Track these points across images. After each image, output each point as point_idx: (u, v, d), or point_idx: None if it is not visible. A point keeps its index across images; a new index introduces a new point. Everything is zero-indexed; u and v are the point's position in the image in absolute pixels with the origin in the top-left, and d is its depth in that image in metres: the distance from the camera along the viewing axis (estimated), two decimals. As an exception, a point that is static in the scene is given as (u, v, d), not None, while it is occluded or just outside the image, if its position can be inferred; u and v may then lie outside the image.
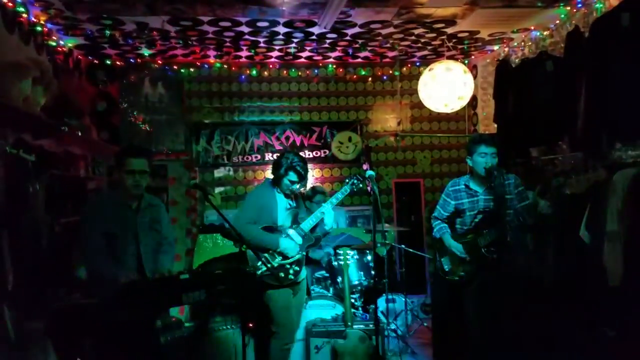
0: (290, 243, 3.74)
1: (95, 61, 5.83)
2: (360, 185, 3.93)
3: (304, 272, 3.95)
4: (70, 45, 5.20)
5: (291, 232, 3.78)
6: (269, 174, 4.00)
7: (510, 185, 3.61)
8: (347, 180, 3.97)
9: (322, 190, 5.37)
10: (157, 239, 3.40)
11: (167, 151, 6.14)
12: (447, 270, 3.83)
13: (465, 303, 3.70)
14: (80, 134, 4.45)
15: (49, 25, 4.58)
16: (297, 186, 3.78)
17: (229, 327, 4.06)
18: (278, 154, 3.96)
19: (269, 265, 3.50)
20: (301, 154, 6.18)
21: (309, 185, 5.30)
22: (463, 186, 3.76)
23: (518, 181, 3.65)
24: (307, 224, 3.83)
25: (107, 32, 4.80)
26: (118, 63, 5.90)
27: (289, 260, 3.73)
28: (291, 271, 3.75)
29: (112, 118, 5.97)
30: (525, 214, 3.43)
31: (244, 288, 3.09)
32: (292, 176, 3.70)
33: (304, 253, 3.84)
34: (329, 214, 3.84)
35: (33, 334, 3.36)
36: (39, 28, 4.38)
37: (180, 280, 2.98)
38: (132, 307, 2.72)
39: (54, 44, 4.75)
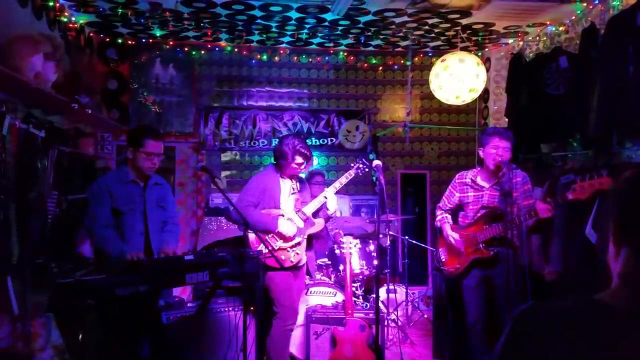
0: (290, 226, 3.75)
1: (107, 39, 5.82)
2: (366, 170, 3.92)
3: (303, 258, 3.96)
4: (82, 22, 5.19)
5: (293, 215, 3.80)
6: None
7: (517, 183, 3.58)
8: (352, 165, 3.96)
9: (319, 171, 5.37)
10: (162, 218, 3.47)
11: (176, 133, 6.14)
12: (443, 260, 3.84)
13: (465, 298, 3.70)
14: (90, 111, 4.46)
15: (61, 1, 4.57)
16: (303, 167, 3.81)
17: (230, 308, 4.09)
18: (279, 140, 3.97)
19: (269, 249, 3.51)
20: (308, 141, 6.25)
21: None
22: (470, 180, 3.73)
23: (526, 179, 3.61)
24: (309, 208, 3.85)
25: (120, 10, 4.78)
26: (129, 42, 5.89)
27: (289, 244, 3.74)
28: (292, 254, 3.77)
29: (122, 97, 5.98)
30: (526, 214, 3.40)
31: (247, 271, 3.11)
32: (299, 159, 3.72)
33: (305, 236, 3.85)
34: (331, 199, 3.85)
35: (36, 308, 3.40)
36: (51, 3, 4.37)
37: (184, 260, 3.01)
38: (136, 284, 2.74)
39: (65, 20, 4.74)
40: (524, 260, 4.06)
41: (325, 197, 3.86)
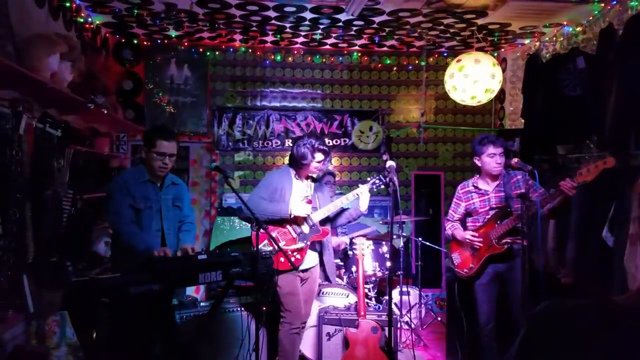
0: (304, 206, 3.73)
1: (123, 40, 5.87)
2: (382, 186, 3.89)
3: (311, 262, 3.93)
4: (98, 22, 5.24)
5: (301, 220, 3.80)
6: (287, 160, 4.00)
7: (518, 181, 3.65)
8: (369, 179, 3.91)
9: (329, 171, 5.35)
10: (178, 217, 3.51)
11: (190, 133, 6.17)
12: (456, 263, 3.84)
13: (478, 297, 3.70)
14: (105, 112, 4.50)
15: (77, 1, 4.62)
16: (324, 165, 3.85)
17: (242, 309, 4.10)
18: (293, 142, 3.96)
19: (274, 247, 3.48)
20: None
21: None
22: (472, 187, 3.82)
23: (525, 176, 3.66)
24: (318, 214, 3.82)
25: (135, 11, 4.82)
26: (145, 43, 5.94)
27: (291, 247, 3.73)
28: (292, 258, 3.75)
29: (137, 98, 6.02)
30: (544, 200, 3.38)
31: (260, 271, 3.11)
32: (319, 156, 3.74)
33: (308, 243, 3.83)
34: (364, 196, 3.83)
35: (51, 306, 3.44)
36: (67, 4, 4.41)
37: (198, 260, 3.02)
38: (150, 282, 2.76)
39: (82, 20, 4.79)
40: (538, 255, 4.05)
41: (336, 206, 3.86)
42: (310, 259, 3.90)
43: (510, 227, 3.49)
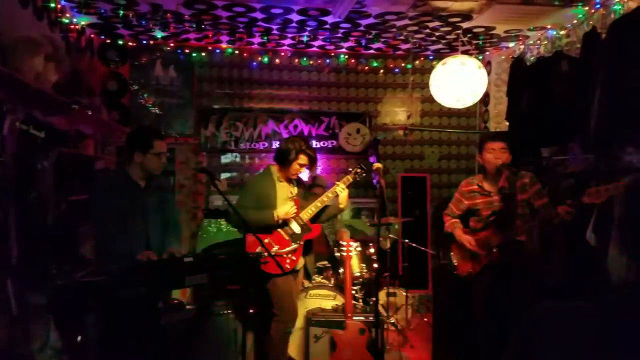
0: (288, 206, 3.74)
1: (108, 41, 5.82)
2: (364, 175, 3.91)
3: (302, 261, 3.94)
4: (83, 23, 5.19)
5: (290, 221, 3.79)
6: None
7: (525, 185, 3.58)
8: (350, 169, 3.94)
9: (320, 183, 5.38)
10: (164, 220, 3.46)
11: (176, 135, 6.14)
12: (455, 265, 3.81)
13: (474, 301, 3.68)
14: (90, 113, 4.45)
15: (62, 2, 4.57)
16: (305, 170, 3.80)
17: (230, 311, 4.09)
18: (281, 140, 3.97)
19: (267, 254, 3.48)
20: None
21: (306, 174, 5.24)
22: (477, 186, 3.74)
23: (534, 180, 3.61)
24: (307, 213, 3.83)
25: (121, 12, 4.78)
26: (130, 44, 5.89)
27: (285, 250, 3.73)
28: (287, 260, 3.76)
29: (122, 99, 5.97)
30: (546, 215, 3.37)
31: (247, 274, 3.10)
32: (303, 159, 3.71)
33: (301, 242, 3.84)
34: (343, 194, 3.83)
35: (35, 310, 3.39)
36: (52, 4, 4.37)
37: (184, 263, 3.00)
38: (136, 286, 2.74)
39: (67, 21, 4.74)
40: (538, 264, 4.04)
41: (323, 202, 3.86)
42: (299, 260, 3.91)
43: (510, 238, 3.44)
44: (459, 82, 4.88)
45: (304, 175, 4.34)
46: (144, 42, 5.89)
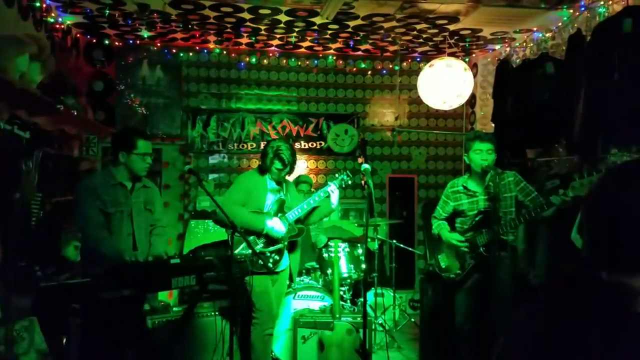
0: (279, 224, 3.74)
1: (94, 40, 5.77)
2: (349, 183, 3.95)
3: (286, 263, 3.93)
4: (68, 22, 5.14)
5: (275, 220, 3.78)
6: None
7: (509, 183, 3.60)
8: (336, 175, 3.97)
9: (306, 179, 5.37)
10: (150, 221, 3.44)
11: (163, 135, 6.10)
12: (443, 267, 3.81)
13: (457, 301, 3.69)
14: (75, 113, 4.41)
15: (48, 1, 4.53)
16: (284, 173, 3.80)
17: (216, 313, 4.06)
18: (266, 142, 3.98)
19: (250, 251, 3.46)
20: (297, 144, 6.24)
21: (297, 173, 5.22)
22: (462, 187, 3.73)
23: (518, 177, 3.62)
24: (293, 214, 3.82)
25: (107, 11, 4.74)
26: (117, 43, 5.85)
27: (270, 249, 3.72)
28: (270, 260, 3.74)
29: (108, 99, 5.92)
30: (537, 208, 3.37)
31: (234, 275, 3.09)
32: (277, 164, 3.71)
33: (286, 243, 3.83)
34: (334, 193, 3.85)
35: (19, 312, 3.35)
36: (37, 4, 4.32)
37: (170, 264, 2.98)
38: (121, 288, 2.71)
39: (52, 20, 4.70)
40: (525, 261, 4.05)
41: (310, 203, 3.86)
42: (284, 260, 3.89)
43: (496, 237, 3.43)
44: (446, 83, 4.91)
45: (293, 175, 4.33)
46: (131, 41, 5.85)
